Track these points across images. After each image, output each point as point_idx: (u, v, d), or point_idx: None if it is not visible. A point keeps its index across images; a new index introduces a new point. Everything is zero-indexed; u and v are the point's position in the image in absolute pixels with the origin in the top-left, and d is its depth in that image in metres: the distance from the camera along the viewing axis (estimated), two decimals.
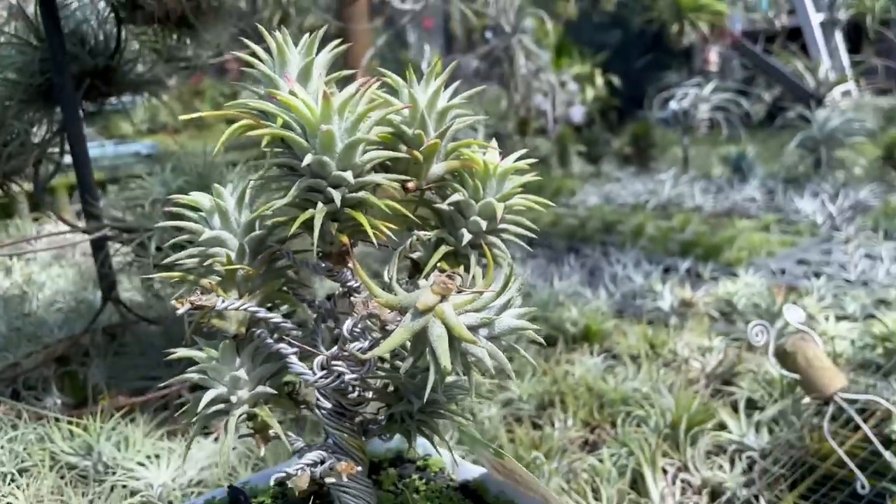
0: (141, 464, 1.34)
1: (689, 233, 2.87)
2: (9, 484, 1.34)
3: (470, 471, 0.86)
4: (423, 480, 0.85)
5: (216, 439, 1.45)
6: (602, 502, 1.11)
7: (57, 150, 1.73)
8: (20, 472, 1.37)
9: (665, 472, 1.19)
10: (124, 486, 1.33)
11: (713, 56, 3.64)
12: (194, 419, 0.70)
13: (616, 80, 6.47)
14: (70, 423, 1.45)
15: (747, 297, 1.97)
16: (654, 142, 4.34)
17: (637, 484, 1.18)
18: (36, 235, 2.53)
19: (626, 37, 7.06)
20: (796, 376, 1.28)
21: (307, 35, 0.69)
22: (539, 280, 2.36)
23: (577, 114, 6.13)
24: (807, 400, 1.29)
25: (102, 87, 1.74)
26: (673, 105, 3.77)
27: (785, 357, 1.29)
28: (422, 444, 0.86)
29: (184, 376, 0.72)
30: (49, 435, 1.45)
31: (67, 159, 1.71)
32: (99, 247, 1.65)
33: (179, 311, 0.63)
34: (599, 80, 6.71)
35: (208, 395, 0.69)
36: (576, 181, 3.99)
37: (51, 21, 1.60)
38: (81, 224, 1.72)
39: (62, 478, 1.36)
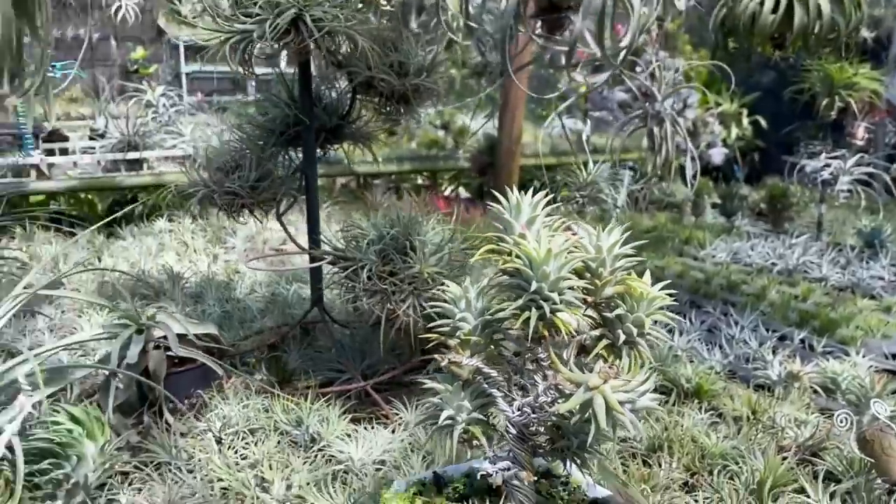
0: (340, 439, 1.78)
1: (810, 303, 3.06)
2: (243, 439, 1.82)
3: (599, 491, 1.22)
4: (566, 492, 1.22)
5: (393, 431, 1.87)
6: None
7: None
8: (250, 431, 1.86)
9: None
10: (323, 453, 1.77)
11: (860, 132, 3.75)
12: (433, 425, 1.11)
13: (763, 122, 6.53)
14: (287, 399, 1.93)
15: (851, 378, 2.19)
16: (790, 203, 4.47)
17: None
18: (277, 253, 3.09)
19: (780, 79, 7.07)
20: (872, 460, 1.55)
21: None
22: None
23: (717, 155, 6.25)
24: (879, 481, 1.55)
25: (332, 139, 2.22)
26: (809, 168, 3.92)
27: (864, 443, 1.56)
28: (565, 467, 1.24)
29: (427, 400, 1.13)
30: (271, 406, 1.92)
31: None
32: (316, 267, 2.12)
33: (443, 364, 1.03)
34: (745, 121, 6.78)
35: (444, 414, 1.09)
36: (707, 233, 4.20)
37: (305, 89, 2.08)
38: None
39: (278, 442, 1.82)
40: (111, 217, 3.00)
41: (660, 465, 1.70)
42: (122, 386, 1.81)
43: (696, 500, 1.54)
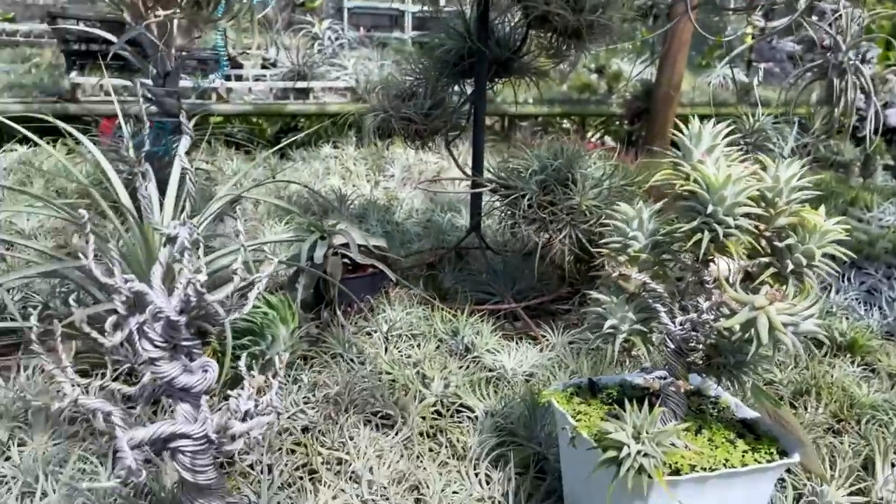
0: (490, 352, 1.93)
1: None
2: (406, 342, 2.01)
3: (747, 412, 1.29)
4: (715, 410, 1.30)
5: (541, 350, 2.00)
6: (835, 471, 1.47)
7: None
8: (412, 336, 2.04)
9: (893, 465, 1.51)
10: (476, 361, 1.92)
11: None
12: (596, 333, 1.21)
13: None
14: (445, 311, 2.09)
15: None
16: None
17: (867, 467, 1.51)
18: (439, 180, 3.25)
19: None
20: None
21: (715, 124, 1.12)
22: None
23: (894, 116, 5.79)
24: None
25: (501, 73, 2.31)
26: None
27: None
28: (714, 388, 1.31)
29: (590, 309, 1.23)
30: (431, 316, 2.10)
31: None
32: (477, 194, 2.25)
33: (613, 275, 1.13)
34: None
35: (608, 323, 1.19)
36: (875, 195, 3.96)
37: (482, 24, 2.18)
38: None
39: (437, 347, 1.99)
40: (285, 142, 3.26)
41: (805, 409, 1.72)
42: (303, 285, 2.04)
43: (842, 443, 1.56)
